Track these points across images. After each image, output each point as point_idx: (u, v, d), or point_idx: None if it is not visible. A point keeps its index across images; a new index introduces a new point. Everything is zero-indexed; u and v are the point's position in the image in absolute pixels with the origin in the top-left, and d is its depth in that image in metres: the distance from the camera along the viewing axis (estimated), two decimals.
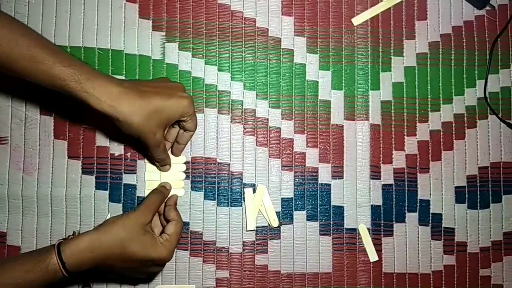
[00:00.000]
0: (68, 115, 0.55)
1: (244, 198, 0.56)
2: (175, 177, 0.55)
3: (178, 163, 0.55)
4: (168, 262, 0.48)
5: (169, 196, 0.54)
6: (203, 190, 0.56)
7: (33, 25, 0.55)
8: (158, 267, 0.49)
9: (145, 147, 0.49)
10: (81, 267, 0.43)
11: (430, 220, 0.58)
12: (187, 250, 0.56)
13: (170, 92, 0.47)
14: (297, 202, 0.57)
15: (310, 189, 0.58)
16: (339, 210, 0.58)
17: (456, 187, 0.59)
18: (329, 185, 0.58)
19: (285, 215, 0.57)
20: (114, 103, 0.43)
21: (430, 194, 0.59)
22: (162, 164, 0.53)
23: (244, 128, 0.57)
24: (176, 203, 0.53)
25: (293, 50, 0.59)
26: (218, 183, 0.56)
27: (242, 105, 0.58)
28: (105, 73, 0.45)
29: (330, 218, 0.58)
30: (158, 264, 0.47)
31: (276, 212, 0.57)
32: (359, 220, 0.58)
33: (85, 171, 0.55)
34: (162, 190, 0.52)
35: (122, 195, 0.55)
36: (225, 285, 0.56)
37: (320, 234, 0.57)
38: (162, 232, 0.48)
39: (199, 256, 0.56)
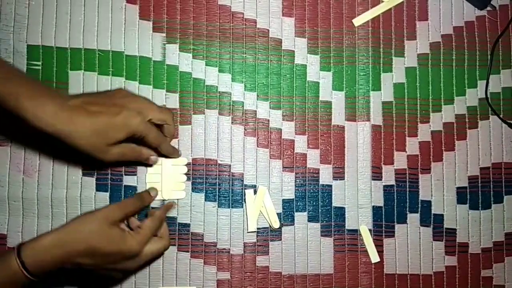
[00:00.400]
0: None
1: (245, 199, 0.56)
2: (175, 179, 0.55)
3: (179, 165, 0.55)
4: (138, 255, 0.46)
5: (166, 204, 0.54)
6: (204, 191, 0.56)
7: (33, 27, 0.55)
8: (130, 262, 0.46)
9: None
10: (44, 267, 0.41)
11: (432, 221, 0.58)
12: (188, 251, 0.55)
13: (117, 110, 0.44)
14: (298, 203, 0.57)
15: (311, 190, 0.57)
16: (340, 211, 0.58)
17: (457, 188, 0.59)
18: (330, 186, 0.58)
19: (286, 216, 0.57)
20: (54, 121, 0.41)
21: (432, 195, 0.59)
22: (142, 159, 0.51)
23: (245, 129, 0.57)
24: (169, 209, 0.53)
25: (294, 51, 0.58)
26: (219, 185, 0.56)
27: (243, 106, 0.57)
28: (51, 89, 0.45)
29: (331, 219, 0.57)
30: (129, 258, 0.45)
31: (277, 213, 0.57)
32: (360, 221, 0.58)
33: (86, 173, 0.55)
34: (142, 195, 0.51)
35: (123, 196, 0.55)
36: (226, 286, 0.56)
37: (321, 235, 0.57)
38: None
39: (200, 257, 0.56)
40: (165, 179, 0.55)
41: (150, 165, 0.54)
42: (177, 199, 0.54)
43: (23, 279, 0.41)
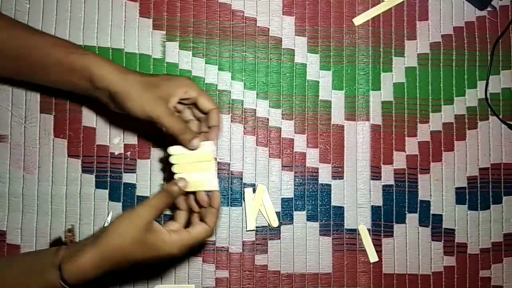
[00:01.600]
0: (68, 113, 0.55)
1: (244, 198, 0.56)
2: (204, 167, 0.47)
3: (205, 149, 0.47)
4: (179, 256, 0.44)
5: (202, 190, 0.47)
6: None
7: (34, 23, 0.55)
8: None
9: (158, 125, 0.46)
10: (85, 281, 0.42)
11: (431, 221, 0.58)
12: None
13: (171, 75, 0.49)
14: (297, 202, 0.57)
15: (310, 189, 0.58)
16: (339, 211, 0.58)
17: (456, 188, 0.59)
18: (330, 185, 0.58)
19: (285, 215, 0.57)
20: (115, 79, 0.45)
21: (431, 195, 0.59)
22: (187, 137, 0.46)
23: (245, 128, 0.57)
24: (219, 204, 0.47)
25: (294, 50, 0.59)
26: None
27: (242, 104, 0.57)
28: (112, 62, 0.47)
29: (330, 219, 0.57)
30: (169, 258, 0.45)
31: (276, 212, 0.57)
32: (359, 221, 0.58)
33: (85, 169, 0.55)
34: (171, 190, 0.45)
35: (122, 194, 0.55)
36: (225, 285, 0.56)
37: (320, 235, 0.57)
38: (192, 221, 0.46)
39: (198, 255, 0.56)
40: (191, 168, 0.47)
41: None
42: (207, 191, 0.47)
43: None
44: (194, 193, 0.47)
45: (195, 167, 0.47)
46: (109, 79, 0.45)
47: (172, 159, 0.47)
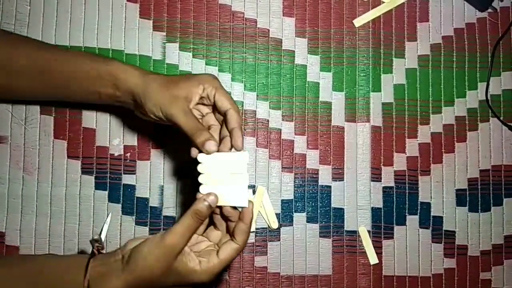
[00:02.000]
0: (68, 115, 0.55)
1: None
2: (235, 180, 0.42)
3: (238, 160, 0.42)
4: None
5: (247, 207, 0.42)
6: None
7: (34, 25, 0.55)
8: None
9: (174, 124, 0.43)
10: None
11: (431, 223, 0.58)
12: None
13: (195, 74, 0.48)
14: (297, 204, 0.57)
15: (310, 191, 0.57)
16: (339, 212, 0.57)
17: (457, 190, 0.59)
18: (330, 187, 0.58)
19: (285, 217, 0.57)
20: (137, 81, 0.44)
21: (431, 197, 0.59)
22: (201, 139, 0.41)
23: (244, 129, 0.57)
24: (251, 218, 0.42)
25: (294, 51, 0.58)
26: None
27: (242, 106, 0.57)
28: (137, 67, 0.47)
29: (330, 220, 0.57)
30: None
31: (276, 214, 0.56)
32: (359, 223, 0.57)
33: (85, 171, 0.55)
34: (200, 211, 0.40)
35: (122, 195, 0.55)
36: (224, 286, 0.55)
37: (320, 236, 0.57)
38: (214, 247, 0.43)
39: None
40: (221, 179, 0.42)
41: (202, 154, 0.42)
42: (240, 207, 0.41)
43: None
44: (220, 207, 0.42)
45: (225, 179, 0.41)
46: (131, 81, 0.44)
47: (200, 168, 0.42)
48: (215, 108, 0.45)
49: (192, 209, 0.40)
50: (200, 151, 0.42)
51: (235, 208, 0.42)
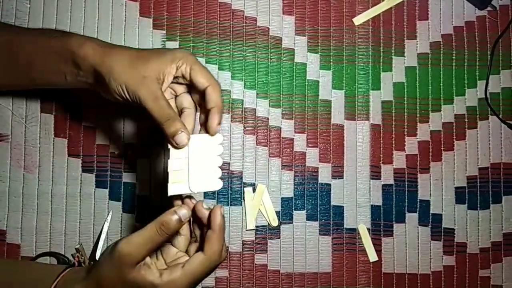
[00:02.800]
0: (68, 113, 0.55)
1: (244, 197, 0.56)
2: (208, 163, 0.39)
3: (212, 145, 0.39)
4: None
5: (197, 204, 0.39)
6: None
7: (34, 23, 0.55)
8: None
9: (144, 109, 0.38)
10: None
11: (430, 220, 0.58)
12: None
13: (167, 49, 0.41)
14: (297, 202, 0.57)
15: (310, 189, 0.58)
16: (339, 210, 0.58)
17: (456, 188, 0.59)
18: (329, 184, 0.58)
19: (285, 215, 0.57)
20: (97, 55, 0.38)
21: (430, 195, 0.59)
22: (172, 129, 0.37)
23: (244, 127, 0.57)
24: (223, 226, 0.37)
25: (294, 49, 0.59)
26: None
27: (242, 104, 0.57)
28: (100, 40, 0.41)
29: (330, 218, 0.57)
30: None
31: (276, 212, 0.57)
32: (359, 220, 0.58)
33: (85, 169, 0.55)
34: (167, 222, 0.35)
35: (122, 193, 0.55)
36: (225, 284, 0.56)
37: (320, 234, 0.57)
38: (190, 252, 0.39)
39: None
40: (193, 164, 0.38)
41: (175, 147, 0.38)
42: (211, 192, 0.42)
43: None
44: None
45: (198, 163, 0.38)
46: (93, 57, 0.38)
47: (172, 152, 0.39)
48: (192, 87, 0.40)
49: (158, 220, 0.35)
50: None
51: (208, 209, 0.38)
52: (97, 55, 0.38)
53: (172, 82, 0.40)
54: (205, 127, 0.39)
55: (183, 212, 0.35)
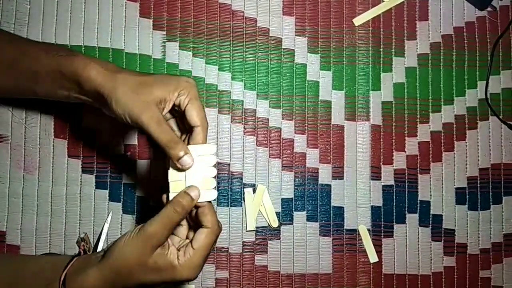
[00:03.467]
0: (68, 114, 0.55)
1: (244, 198, 0.56)
2: (203, 174, 0.41)
3: (206, 155, 0.41)
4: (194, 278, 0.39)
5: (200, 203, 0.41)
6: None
7: (34, 24, 0.55)
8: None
9: (147, 134, 0.39)
10: None
11: (431, 221, 0.58)
12: None
13: (171, 75, 0.42)
14: (297, 203, 0.57)
15: (310, 190, 0.58)
16: (339, 211, 0.58)
17: (456, 188, 0.59)
18: (330, 185, 0.58)
19: (285, 216, 0.57)
20: (99, 78, 0.39)
21: (431, 195, 0.59)
22: (176, 152, 0.39)
23: (245, 128, 0.57)
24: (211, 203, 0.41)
25: (294, 50, 0.58)
26: (218, 183, 0.56)
27: (242, 105, 0.57)
28: (102, 61, 0.42)
29: (330, 219, 0.57)
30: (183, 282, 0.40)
31: (276, 213, 0.57)
32: (359, 221, 0.58)
33: (85, 170, 0.55)
34: (182, 202, 0.39)
35: (122, 194, 0.55)
36: (225, 285, 0.56)
37: (320, 235, 0.57)
38: (188, 240, 0.41)
39: None
40: (190, 175, 0.41)
41: (179, 169, 0.41)
42: (207, 201, 0.42)
43: None
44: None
45: (194, 174, 0.41)
46: (96, 80, 0.39)
47: (170, 175, 0.41)
48: (182, 115, 0.42)
49: (174, 200, 0.39)
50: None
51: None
52: (100, 79, 0.39)
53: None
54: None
55: (195, 192, 0.39)
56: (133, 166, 0.55)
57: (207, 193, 0.40)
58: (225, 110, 0.57)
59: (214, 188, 0.41)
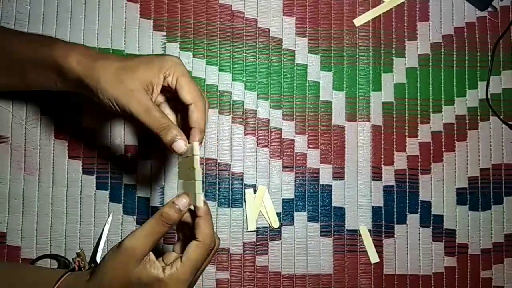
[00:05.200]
0: (69, 115, 0.55)
1: (244, 198, 0.56)
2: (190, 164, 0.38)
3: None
4: None
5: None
6: (204, 190, 0.56)
7: (34, 25, 0.55)
8: None
9: (137, 122, 0.38)
10: None
11: (431, 221, 0.58)
12: None
13: (155, 55, 0.40)
14: (298, 203, 0.57)
15: (311, 190, 0.57)
16: (340, 211, 0.58)
17: (457, 189, 0.59)
18: (330, 186, 0.58)
19: (286, 216, 0.57)
20: (80, 66, 0.38)
21: (432, 196, 0.59)
22: (168, 137, 0.37)
23: (245, 129, 0.57)
24: (208, 211, 0.38)
25: (294, 50, 0.58)
26: (218, 184, 0.56)
27: (243, 105, 0.57)
28: (85, 47, 0.41)
29: (331, 219, 0.57)
30: None
31: (277, 213, 0.57)
32: (360, 221, 0.58)
33: (86, 171, 0.55)
34: (168, 214, 0.37)
35: (123, 195, 0.55)
36: (225, 286, 0.56)
37: (321, 235, 0.57)
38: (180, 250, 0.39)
39: None
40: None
41: (176, 153, 0.38)
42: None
43: None
44: None
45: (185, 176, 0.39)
46: (77, 70, 0.37)
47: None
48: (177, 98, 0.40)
49: (159, 212, 0.36)
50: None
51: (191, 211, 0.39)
52: (81, 68, 0.37)
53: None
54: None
55: (182, 202, 0.37)
56: (133, 167, 0.55)
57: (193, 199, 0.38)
58: (226, 111, 0.57)
59: (201, 197, 0.37)
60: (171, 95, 0.41)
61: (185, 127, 0.40)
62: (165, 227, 0.36)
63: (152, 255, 0.37)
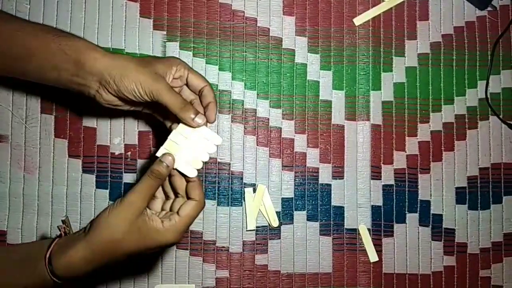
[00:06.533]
0: (69, 113, 0.55)
1: (244, 197, 0.56)
2: (197, 153, 0.44)
3: (210, 141, 0.44)
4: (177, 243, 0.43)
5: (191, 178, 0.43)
6: (203, 189, 0.56)
7: None
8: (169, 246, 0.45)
9: (160, 104, 0.43)
10: (76, 277, 0.40)
11: (431, 220, 0.58)
12: (187, 249, 0.56)
13: (160, 57, 0.47)
14: (298, 202, 0.57)
15: (311, 189, 0.58)
16: (340, 210, 0.58)
17: (456, 188, 0.59)
18: (330, 185, 0.58)
19: (285, 215, 0.57)
20: (108, 61, 0.42)
21: (431, 195, 0.59)
22: (189, 114, 0.43)
23: (245, 128, 0.57)
24: (199, 183, 0.43)
25: (294, 50, 0.59)
26: (218, 183, 0.56)
27: (243, 104, 0.57)
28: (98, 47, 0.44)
29: (331, 218, 0.58)
30: (167, 247, 0.43)
31: (276, 212, 0.57)
32: (359, 221, 0.58)
33: (86, 170, 0.55)
34: (158, 171, 0.42)
35: (122, 194, 0.55)
36: (225, 284, 0.56)
37: (320, 234, 0.57)
38: (175, 208, 0.43)
39: (199, 255, 0.56)
40: (186, 147, 0.44)
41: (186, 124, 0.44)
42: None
43: (52, 285, 0.40)
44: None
45: (187, 150, 0.44)
46: (103, 61, 0.42)
47: (172, 136, 0.44)
48: (187, 87, 0.47)
49: (150, 169, 0.41)
50: (179, 122, 0.44)
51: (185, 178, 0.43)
52: (108, 61, 0.42)
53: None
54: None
55: (169, 159, 0.42)
56: (133, 166, 0.56)
57: (190, 169, 0.43)
58: (226, 110, 0.57)
59: (197, 169, 0.43)
60: (181, 86, 0.47)
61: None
62: (156, 181, 0.41)
63: (148, 210, 0.42)
